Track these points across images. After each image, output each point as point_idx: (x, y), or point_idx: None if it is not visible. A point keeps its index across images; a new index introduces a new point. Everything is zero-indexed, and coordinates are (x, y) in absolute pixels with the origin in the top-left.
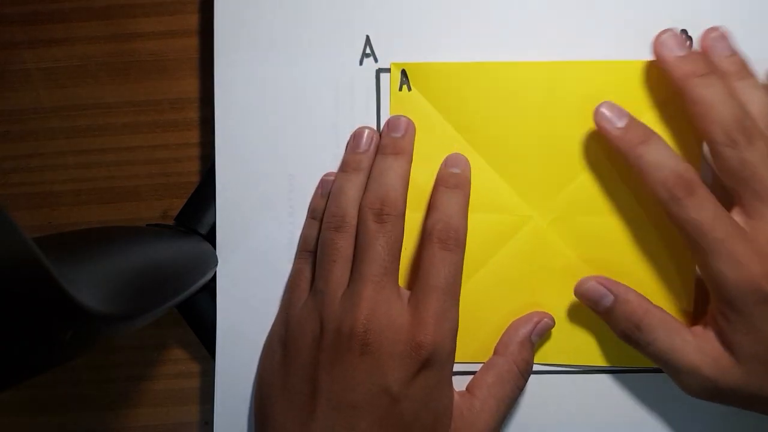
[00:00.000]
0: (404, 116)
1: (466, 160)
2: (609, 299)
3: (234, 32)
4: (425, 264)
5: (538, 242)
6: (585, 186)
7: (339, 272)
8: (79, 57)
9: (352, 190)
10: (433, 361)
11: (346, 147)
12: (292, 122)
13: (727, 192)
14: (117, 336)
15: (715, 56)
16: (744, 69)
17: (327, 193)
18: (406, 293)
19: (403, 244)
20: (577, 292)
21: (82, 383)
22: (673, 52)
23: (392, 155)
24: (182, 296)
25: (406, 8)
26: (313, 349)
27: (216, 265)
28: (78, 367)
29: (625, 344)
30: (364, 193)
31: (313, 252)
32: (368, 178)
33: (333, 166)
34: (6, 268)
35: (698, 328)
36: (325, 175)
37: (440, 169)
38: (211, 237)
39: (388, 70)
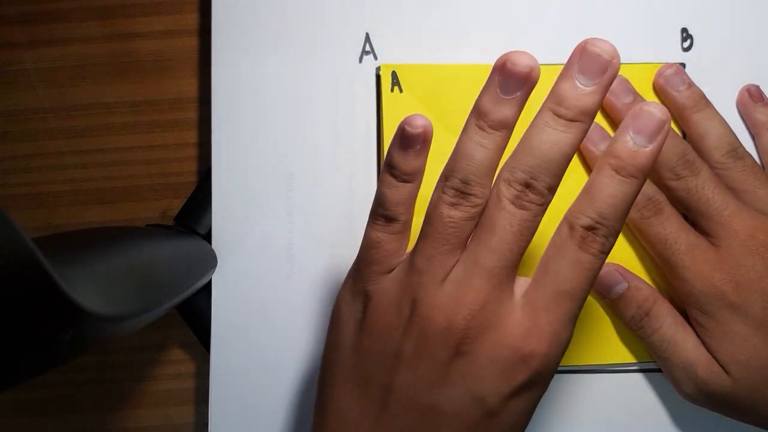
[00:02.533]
0: (610, 45)
1: (665, 121)
2: (623, 286)
3: (232, 31)
4: (556, 262)
5: (536, 241)
6: (580, 183)
7: (448, 254)
8: (78, 57)
9: (486, 154)
10: (540, 375)
11: (489, 79)
12: (291, 121)
13: None
14: (117, 336)
15: (672, 90)
16: (701, 101)
17: (412, 145)
18: (522, 284)
19: None
20: None
21: (82, 384)
22: (620, 99)
23: (566, 122)
24: (182, 296)
25: (405, 5)
26: (398, 334)
27: (216, 265)
28: (78, 368)
29: (625, 342)
30: (509, 160)
31: (392, 219)
32: (518, 143)
33: (333, 164)
34: (5, 268)
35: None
36: (407, 124)
37: (618, 136)
38: (210, 237)
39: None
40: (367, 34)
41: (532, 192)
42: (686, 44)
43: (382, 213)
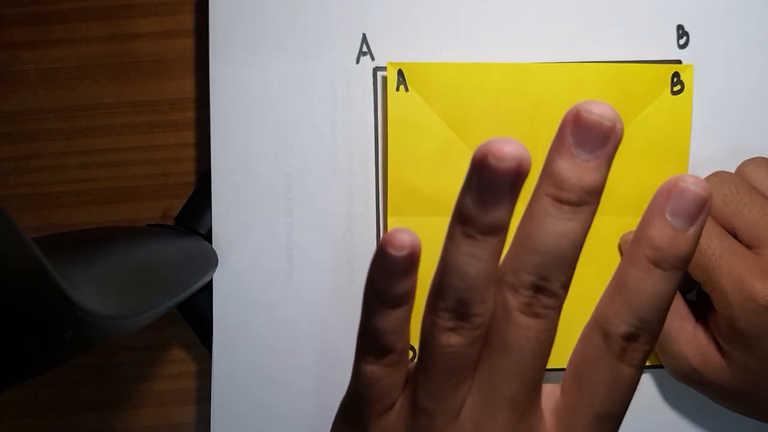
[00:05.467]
0: (608, 106)
1: (707, 198)
2: None
3: (229, 32)
4: (593, 379)
5: None
6: None
7: (456, 387)
8: (78, 58)
9: (482, 267)
10: None
11: (468, 178)
12: (289, 122)
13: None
14: (117, 336)
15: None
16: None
17: (398, 269)
18: (550, 396)
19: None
20: (621, 240)
21: (82, 384)
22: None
23: (571, 207)
24: (182, 296)
25: (402, 6)
26: None
27: (216, 264)
28: (78, 368)
29: None
30: (509, 259)
31: (387, 351)
32: (516, 229)
33: (331, 165)
34: (6, 268)
35: (701, 324)
36: (390, 246)
37: (650, 219)
38: (210, 237)
39: (385, 69)
40: (364, 35)
41: (545, 295)
42: (682, 41)
43: (373, 345)
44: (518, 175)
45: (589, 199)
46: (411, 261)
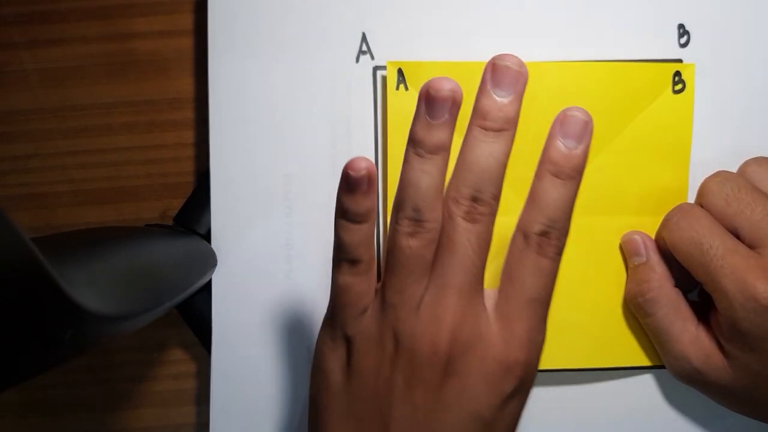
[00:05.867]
0: (515, 57)
1: (588, 122)
2: (640, 259)
3: (228, 31)
4: (519, 272)
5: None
6: (583, 186)
7: (416, 282)
8: (76, 57)
9: (431, 180)
10: (525, 380)
11: (417, 109)
12: (288, 121)
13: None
14: (116, 336)
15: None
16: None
17: (358, 188)
18: (490, 296)
19: None
20: (623, 239)
21: (81, 384)
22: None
23: (494, 133)
24: (182, 296)
25: (402, 5)
26: (387, 369)
27: (215, 265)
28: (77, 368)
29: (627, 344)
30: (452, 179)
31: (355, 261)
32: (457, 157)
33: (330, 164)
34: (5, 268)
35: (703, 324)
36: (350, 169)
37: (549, 143)
38: (209, 237)
39: (384, 68)
40: (363, 34)
41: (480, 204)
42: (683, 40)
43: (344, 257)
44: (453, 102)
45: (507, 126)
46: (369, 180)
